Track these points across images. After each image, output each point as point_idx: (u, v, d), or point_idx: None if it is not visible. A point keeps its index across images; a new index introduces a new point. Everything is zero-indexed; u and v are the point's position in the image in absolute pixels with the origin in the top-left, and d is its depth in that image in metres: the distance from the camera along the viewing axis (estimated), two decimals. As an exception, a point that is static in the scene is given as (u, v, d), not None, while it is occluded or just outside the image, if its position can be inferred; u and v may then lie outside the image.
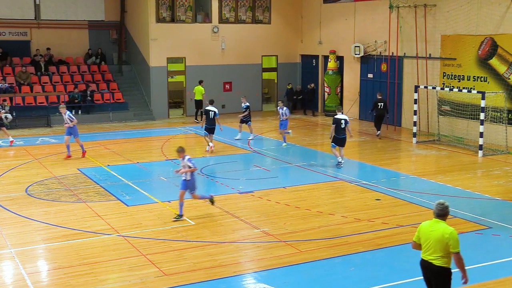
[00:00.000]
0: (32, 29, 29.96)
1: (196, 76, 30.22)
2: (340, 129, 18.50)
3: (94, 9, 30.85)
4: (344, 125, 18.49)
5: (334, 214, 14.03)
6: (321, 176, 18.00)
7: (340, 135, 18.61)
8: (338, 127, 18.48)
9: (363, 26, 28.31)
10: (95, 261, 11.17)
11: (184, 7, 29.98)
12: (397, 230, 12.85)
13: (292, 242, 12.16)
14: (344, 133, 18.64)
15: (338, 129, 18.49)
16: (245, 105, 23.70)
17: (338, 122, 18.47)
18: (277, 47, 32.60)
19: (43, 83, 28.94)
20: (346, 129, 18.64)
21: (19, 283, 10.25)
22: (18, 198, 15.48)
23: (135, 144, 23.39)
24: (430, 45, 24.72)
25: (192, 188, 13.68)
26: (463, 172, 18.30)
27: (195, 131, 26.00)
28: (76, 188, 16.40)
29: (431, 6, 24.40)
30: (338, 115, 18.67)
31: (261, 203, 15.05)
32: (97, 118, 28.18)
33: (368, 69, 28.44)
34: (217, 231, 12.89)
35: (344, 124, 18.50)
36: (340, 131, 18.53)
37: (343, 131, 18.57)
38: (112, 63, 31.99)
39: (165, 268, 10.79)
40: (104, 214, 14.02)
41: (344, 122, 18.48)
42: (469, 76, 23.19)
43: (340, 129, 18.50)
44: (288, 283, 10.19)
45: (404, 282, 10.24)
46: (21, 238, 12.48)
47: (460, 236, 12.06)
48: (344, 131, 18.61)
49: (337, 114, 18.78)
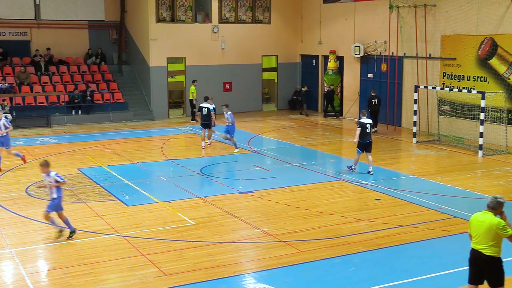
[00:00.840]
0: (32, 29, 29.99)
1: (196, 76, 30.29)
2: (366, 134, 17.65)
3: (94, 9, 30.89)
4: (369, 129, 17.74)
5: (334, 214, 14.05)
6: (321, 176, 18.02)
7: (366, 140, 17.74)
8: (364, 132, 17.63)
9: (363, 26, 28.33)
10: (95, 261, 11.17)
11: (184, 7, 30.00)
12: (397, 230, 12.86)
13: (292, 242, 12.17)
14: (370, 138, 17.90)
15: (363, 133, 17.62)
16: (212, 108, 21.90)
17: (363, 126, 17.63)
18: (277, 47, 32.63)
19: (43, 83, 28.98)
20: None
21: (19, 283, 10.26)
22: (18, 198, 15.52)
23: (135, 144, 23.41)
24: (430, 45, 24.74)
25: (58, 208, 12.38)
26: (463, 172, 18.32)
27: (195, 131, 26.01)
28: (76, 188, 16.43)
29: (431, 6, 24.43)
30: (363, 119, 17.81)
31: (261, 203, 15.06)
32: (97, 118, 28.20)
33: (368, 69, 28.46)
34: (217, 231, 12.89)
35: (370, 128, 17.77)
36: (366, 135, 17.68)
37: (369, 136, 17.78)
38: (112, 63, 32.02)
39: (165, 268, 10.79)
40: (104, 214, 14.04)
41: (369, 126, 17.75)
42: (469, 76, 23.21)
43: (366, 134, 17.66)
44: (288, 283, 10.20)
45: (404, 282, 10.26)
46: (21, 238, 12.50)
47: (460, 236, 12.41)
48: (370, 136, 17.89)
49: (361, 118, 17.96)
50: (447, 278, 10.41)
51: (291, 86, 33.28)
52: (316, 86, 32.10)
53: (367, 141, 17.75)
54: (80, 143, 23.22)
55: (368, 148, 17.84)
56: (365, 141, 17.70)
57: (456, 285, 10.00)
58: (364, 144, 17.71)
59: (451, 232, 12.71)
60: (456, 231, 12.78)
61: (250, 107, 32.20)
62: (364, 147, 17.74)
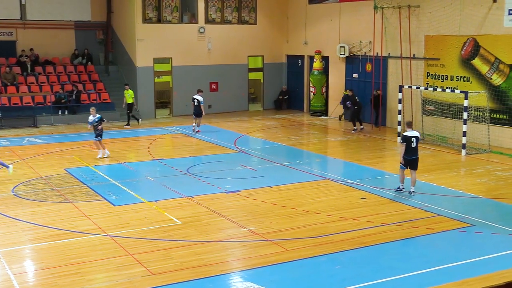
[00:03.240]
0: (18, 29, 29.81)
1: (183, 76, 30.32)
2: (411, 149, 15.45)
3: (81, 9, 30.76)
4: (415, 143, 15.46)
5: (320, 213, 14.09)
6: (307, 175, 18.06)
7: (412, 156, 15.49)
8: (409, 147, 15.42)
9: (348, 26, 28.47)
10: (82, 261, 11.15)
11: (171, 8, 30.00)
12: (382, 229, 12.94)
13: (278, 240, 12.20)
14: (416, 153, 15.60)
15: (409, 148, 15.42)
16: (97, 117, 20.53)
17: (408, 140, 15.41)
18: (263, 48, 32.71)
19: (29, 83, 28.86)
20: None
21: (5, 283, 10.19)
22: (4, 198, 15.44)
23: (121, 144, 23.39)
24: (414, 46, 24.92)
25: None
26: (447, 171, 18.45)
27: (182, 131, 26.02)
28: (63, 188, 16.39)
29: (415, 7, 24.60)
30: (408, 132, 15.58)
31: (247, 202, 15.09)
32: (83, 118, 27.72)
33: (353, 69, 28.60)
34: (203, 231, 12.90)
35: (416, 143, 15.48)
36: (412, 151, 15.47)
37: (415, 151, 15.54)
38: (98, 63, 31.90)
39: (152, 267, 10.79)
40: (91, 214, 13.99)
41: (415, 140, 15.47)
42: (453, 76, 23.42)
43: (412, 149, 15.45)
44: (275, 282, 10.24)
45: (390, 279, 10.30)
46: (8, 238, 12.43)
47: (444, 234, 12.56)
48: (416, 151, 15.60)
49: (406, 131, 15.75)
50: (432, 276, 10.49)
51: (277, 86, 33.40)
52: (301, 86, 32.21)
53: (413, 157, 15.52)
54: (67, 143, 23.17)
55: (414, 165, 15.61)
56: (411, 157, 15.47)
57: (441, 282, 10.12)
58: (410, 161, 15.50)
59: (435, 230, 12.79)
60: (440, 229, 12.88)
61: (236, 107, 32.26)
62: (409, 163, 15.55)
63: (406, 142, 15.38)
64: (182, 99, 30.35)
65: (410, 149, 15.39)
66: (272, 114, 31.55)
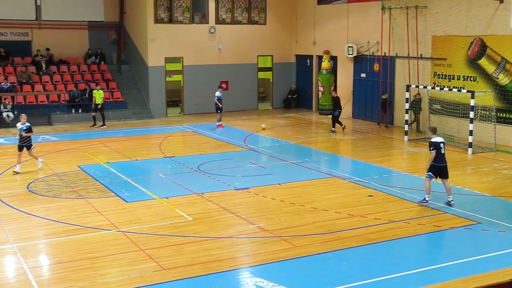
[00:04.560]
0: (33, 30, 30.24)
1: (194, 76, 30.53)
2: (441, 155, 14.37)
3: (94, 10, 31.10)
4: (444, 149, 14.54)
5: (328, 210, 14.15)
6: (315, 173, 18.11)
7: (442, 163, 14.46)
8: (439, 153, 14.35)
9: (356, 27, 28.57)
10: (95, 256, 11.26)
11: (182, 8, 30.23)
12: (389, 226, 12.97)
13: (287, 237, 12.24)
14: (446, 160, 14.58)
15: (438, 155, 14.33)
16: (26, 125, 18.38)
17: (438, 147, 14.34)
18: (273, 47, 32.87)
19: (44, 82, 29.21)
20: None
21: (21, 277, 10.36)
22: (19, 194, 15.64)
23: (134, 141, 23.55)
24: (421, 46, 24.99)
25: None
26: (453, 169, 18.00)
27: (192, 129, 26.19)
28: (76, 185, 16.54)
29: (422, 8, 24.68)
30: (435, 138, 14.49)
31: (257, 199, 15.17)
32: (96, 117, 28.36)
33: (361, 68, 28.71)
34: (213, 227, 12.96)
35: (444, 149, 14.54)
36: (441, 157, 14.40)
37: (444, 158, 14.50)
38: (111, 62, 32.22)
39: (163, 262, 10.88)
40: (104, 210, 14.12)
41: (443, 146, 14.54)
42: (459, 75, 23.48)
43: (441, 155, 14.38)
44: (283, 277, 10.25)
45: (396, 276, 10.35)
46: (23, 233, 12.58)
47: (450, 231, 12.62)
48: (445, 158, 14.59)
49: (433, 137, 14.60)
50: (438, 273, 10.53)
51: (286, 85, 33.56)
52: (310, 85, 32.36)
53: (444, 164, 14.49)
54: (80, 141, 23.37)
55: (445, 172, 14.54)
56: (441, 164, 14.45)
57: (447, 279, 10.15)
58: (440, 168, 14.46)
59: (441, 228, 12.81)
60: (446, 227, 12.91)
61: (246, 106, 32.45)
62: (439, 171, 14.49)
63: (436, 149, 14.28)
64: (193, 97, 30.63)
65: (440, 156, 14.36)
66: (281, 112, 31.65)
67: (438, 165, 14.41)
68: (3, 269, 10.86)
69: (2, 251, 11.64)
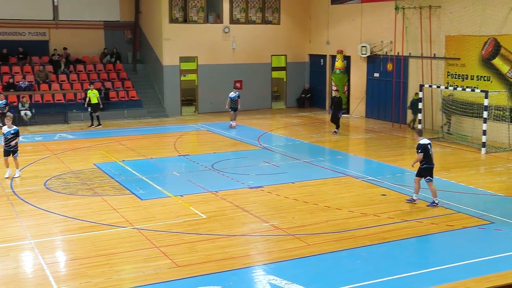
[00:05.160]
0: (50, 29, 30.56)
1: (208, 75, 30.69)
2: (429, 157, 14.55)
3: (110, 10, 31.38)
4: (431, 150, 14.68)
5: (341, 209, 14.20)
6: (329, 172, 18.15)
7: (433, 164, 14.67)
8: (427, 155, 14.49)
9: (370, 26, 28.58)
10: (110, 252, 11.38)
11: (196, 8, 30.38)
12: (402, 225, 12.99)
13: (300, 235, 12.31)
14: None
15: (427, 157, 14.48)
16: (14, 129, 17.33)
17: (426, 149, 14.50)
18: (286, 47, 32.94)
19: (61, 81, 29.49)
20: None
21: (38, 272, 10.50)
22: (37, 191, 15.80)
23: (148, 140, 23.69)
24: (434, 45, 24.94)
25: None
26: (467, 169, 18.41)
27: (207, 128, 26.31)
28: (92, 182, 16.69)
29: (436, 8, 24.63)
30: (422, 140, 14.63)
31: (270, 197, 15.24)
32: (112, 115, 28.62)
33: (374, 68, 28.72)
34: (227, 225, 13.05)
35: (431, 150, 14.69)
36: (431, 158, 14.60)
37: (433, 159, 14.73)
38: (127, 62, 32.46)
39: (178, 259, 10.98)
40: (119, 208, 14.25)
41: (431, 147, 14.69)
42: (473, 75, 23.41)
43: (430, 157, 14.56)
44: (296, 275, 10.30)
45: (409, 275, 10.38)
46: (40, 229, 12.74)
47: (463, 231, 12.59)
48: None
49: (419, 139, 14.74)
50: (451, 272, 10.54)
51: (299, 85, 33.63)
52: (323, 85, 32.39)
53: (433, 165, 14.71)
54: (96, 139, 23.53)
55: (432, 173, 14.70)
56: (433, 165, 14.65)
57: (460, 279, 10.14)
58: (432, 169, 14.63)
59: (455, 227, 12.80)
60: (459, 226, 12.90)
61: (260, 105, 32.54)
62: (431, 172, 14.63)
63: (424, 151, 14.41)
64: (207, 97, 30.78)
65: (429, 157, 14.50)
66: (294, 112, 31.72)
67: (431, 166, 14.52)
68: (21, 264, 11.03)
69: (20, 247, 11.80)
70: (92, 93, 26.35)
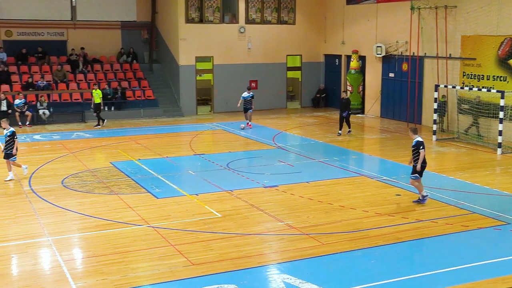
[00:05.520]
0: (68, 30, 30.90)
1: (223, 75, 30.80)
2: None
3: (127, 10, 31.63)
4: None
5: (355, 209, 14.20)
6: (343, 171, 18.16)
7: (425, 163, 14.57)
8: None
9: (385, 26, 28.53)
10: (126, 250, 11.47)
11: (212, 8, 30.52)
12: (416, 225, 12.95)
13: (314, 235, 12.33)
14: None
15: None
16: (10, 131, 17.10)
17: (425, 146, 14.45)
18: (302, 47, 32.97)
19: (78, 80, 29.78)
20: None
21: (56, 269, 10.63)
22: (54, 189, 15.96)
23: (164, 139, 23.80)
24: (450, 45, 24.83)
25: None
26: (482, 169, 18.28)
27: (222, 127, 26.40)
28: (108, 181, 16.82)
29: (452, 8, 24.53)
30: (419, 138, 14.58)
31: (285, 197, 15.27)
32: (128, 114, 28.88)
33: (389, 68, 28.66)
34: (242, 224, 13.08)
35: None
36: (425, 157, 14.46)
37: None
38: (143, 61, 32.68)
39: (193, 258, 11.03)
40: (135, 206, 14.34)
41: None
42: (489, 75, 23.27)
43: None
44: (310, 274, 10.31)
45: (423, 275, 10.35)
46: (58, 227, 12.87)
47: (478, 231, 12.50)
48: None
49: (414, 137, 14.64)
50: (466, 272, 10.49)
51: (314, 85, 33.65)
52: (338, 85, 32.34)
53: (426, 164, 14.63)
54: (113, 138, 23.73)
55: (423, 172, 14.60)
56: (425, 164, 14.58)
57: (475, 279, 10.10)
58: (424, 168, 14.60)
59: (470, 228, 12.71)
60: (475, 227, 12.83)
61: (275, 105, 32.61)
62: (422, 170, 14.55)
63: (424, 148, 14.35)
64: (223, 96, 30.89)
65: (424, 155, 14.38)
66: (309, 111, 31.74)
67: (423, 165, 14.45)
68: (39, 261, 11.16)
69: (38, 244, 11.95)
70: (95, 93, 26.51)
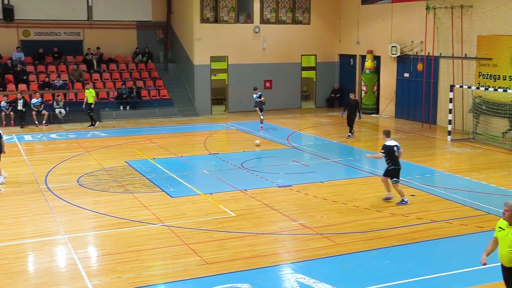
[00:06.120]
0: (84, 30, 31.15)
1: (238, 74, 30.86)
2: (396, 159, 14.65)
3: (142, 10, 31.85)
4: (397, 152, 14.70)
5: (370, 209, 14.20)
6: (357, 171, 18.17)
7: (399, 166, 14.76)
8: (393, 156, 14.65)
9: (400, 26, 28.42)
10: (140, 248, 11.54)
11: (227, 8, 30.59)
12: (431, 225, 12.92)
13: (328, 234, 12.33)
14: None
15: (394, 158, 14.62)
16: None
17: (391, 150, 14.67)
18: (316, 47, 32.96)
19: (94, 80, 29.96)
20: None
21: (71, 267, 10.73)
22: (70, 188, 16.08)
23: (179, 138, 23.90)
24: (466, 45, 24.69)
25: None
26: (498, 170, 18.17)
27: (237, 127, 26.46)
28: (123, 180, 16.92)
29: (468, 7, 24.40)
30: (389, 142, 14.76)
31: (299, 196, 15.29)
32: (143, 114, 29.03)
33: (404, 68, 28.57)
34: (256, 223, 13.11)
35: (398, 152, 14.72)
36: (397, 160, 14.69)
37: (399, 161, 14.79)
38: (158, 61, 32.84)
39: (207, 257, 11.07)
40: (150, 205, 14.41)
41: (397, 149, 14.70)
42: (505, 76, 23.09)
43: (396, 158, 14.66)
44: (324, 274, 10.32)
45: (438, 276, 10.33)
46: (73, 225, 12.97)
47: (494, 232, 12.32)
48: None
49: (386, 140, 14.83)
50: (481, 273, 10.33)
51: (329, 85, 33.62)
52: (353, 85, 32.28)
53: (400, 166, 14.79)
54: (128, 137, 23.86)
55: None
56: (399, 166, 14.74)
57: (489, 281, 10.02)
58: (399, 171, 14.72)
59: (485, 229, 12.57)
60: (490, 228, 12.38)
61: (289, 104, 32.62)
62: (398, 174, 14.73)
63: (389, 152, 14.51)
64: (237, 96, 30.95)
65: (396, 159, 14.57)
66: (324, 111, 31.73)
67: (397, 167, 14.58)
68: (55, 258, 11.26)
69: (54, 242, 12.07)
70: (88, 93, 26.51)
